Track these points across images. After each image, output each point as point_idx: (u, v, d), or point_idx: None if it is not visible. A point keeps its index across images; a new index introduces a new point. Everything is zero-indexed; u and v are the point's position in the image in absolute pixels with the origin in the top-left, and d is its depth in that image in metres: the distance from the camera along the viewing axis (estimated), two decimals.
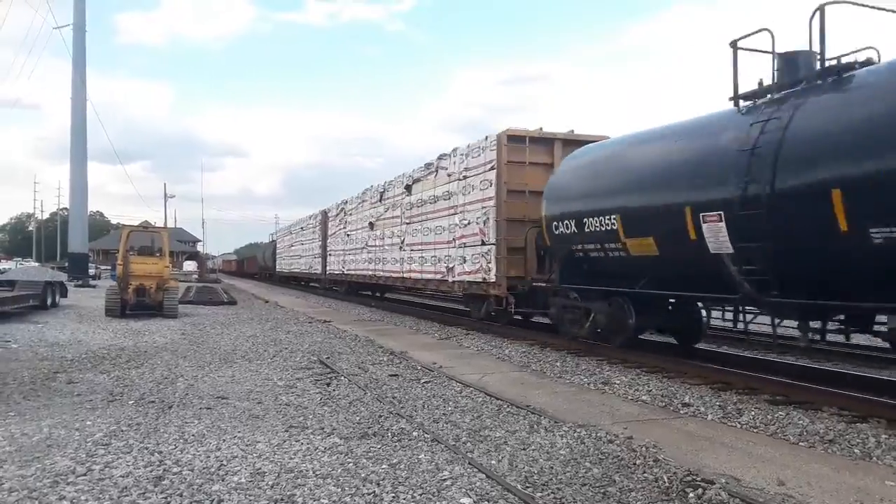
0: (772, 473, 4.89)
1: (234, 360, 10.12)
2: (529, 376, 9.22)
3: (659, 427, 6.36)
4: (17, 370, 8.87)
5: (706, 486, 4.50)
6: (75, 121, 38.75)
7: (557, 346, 11.73)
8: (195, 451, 5.21)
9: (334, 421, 6.35)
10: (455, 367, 9.69)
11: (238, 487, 4.41)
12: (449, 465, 4.96)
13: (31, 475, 4.59)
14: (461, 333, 14.40)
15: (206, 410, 6.69)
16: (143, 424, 6.06)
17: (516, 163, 13.75)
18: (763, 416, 6.69)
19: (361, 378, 8.71)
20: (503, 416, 6.64)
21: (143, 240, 20.51)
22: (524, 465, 5.04)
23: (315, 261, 33.83)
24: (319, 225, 32.54)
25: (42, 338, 12.63)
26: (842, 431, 6.10)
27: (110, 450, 5.22)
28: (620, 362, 10.00)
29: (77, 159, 39.13)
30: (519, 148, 13.84)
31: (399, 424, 6.23)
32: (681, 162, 8.91)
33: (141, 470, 4.73)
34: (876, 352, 11.40)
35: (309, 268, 36.12)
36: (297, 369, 9.38)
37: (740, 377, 8.45)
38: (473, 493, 4.38)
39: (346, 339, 13.38)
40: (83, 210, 40.92)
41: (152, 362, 9.80)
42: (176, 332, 14.23)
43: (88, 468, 4.75)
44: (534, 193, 13.11)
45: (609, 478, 4.76)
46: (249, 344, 12.19)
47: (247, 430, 5.91)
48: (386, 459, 5.10)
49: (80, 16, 39.14)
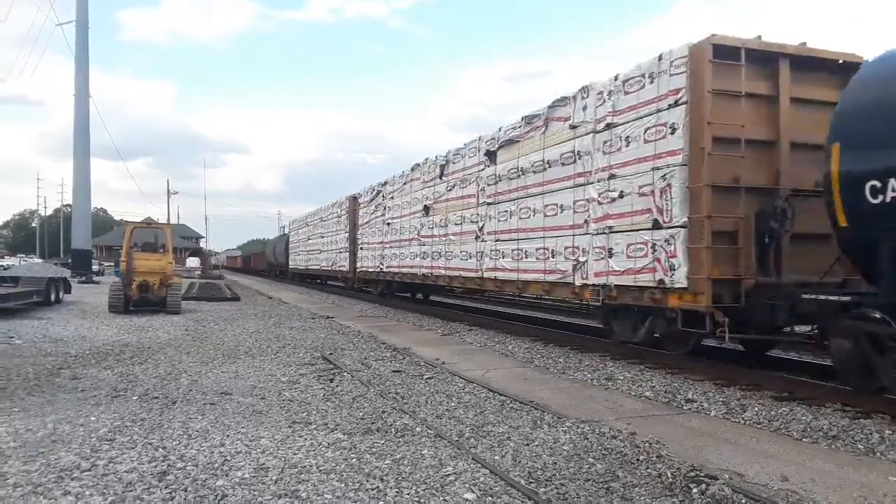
0: (776, 469, 4.89)
1: (238, 356, 10.13)
2: (533, 372, 9.22)
3: (662, 423, 6.36)
4: (21, 366, 8.90)
5: (710, 481, 4.49)
6: (78, 118, 38.81)
7: (560, 342, 11.72)
8: (199, 447, 5.22)
9: (338, 416, 6.36)
10: (458, 363, 9.70)
11: (242, 482, 4.42)
12: (452, 461, 4.96)
13: (35, 470, 4.60)
14: (464, 329, 14.39)
15: (210, 406, 6.70)
16: (147, 420, 6.07)
17: (724, 93, 8.41)
18: (767, 412, 6.68)
19: (364, 374, 8.72)
20: (506, 412, 6.64)
21: (146, 236, 20.57)
22: (527, 460, 5.04)
23: (340, 256, 28.30)
24: (346, 214, 27.12)
25: (46, 334, 12.66)
26: (845, 427, 6.09)
27: (114, 445, 5.24)
28: (623, 358, 9.98)
29: (80, 156, 39.18)
30: (728, 69, 8.41)
31: (402, 420, 6.24)
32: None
33: (145, 465, 4.74)
34: None
35: (332, 264, 30.15)
36: (300, 365, 9.39)
37: (744, 373, 8.43)
38: (477, 489, 4.38)
39: (350, 335, 13.39)
40: (86, 207, 40.95)
41: (156, 358, 9.82)
42: (179, 328, 14.25)
43: (93, 463, 4.77)
44: (754, 144, 8.56)
45: (612, 473, 4.76)
46: (253, 340, 12.20)
47: (250, 426, 5.92)
48: (389, 455, 5.11)
49: (83, 12, 39.19)
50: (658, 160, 8.92)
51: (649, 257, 9.04)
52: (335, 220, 29.62)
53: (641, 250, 9.21)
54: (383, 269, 21.88)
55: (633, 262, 9.36)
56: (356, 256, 25.38)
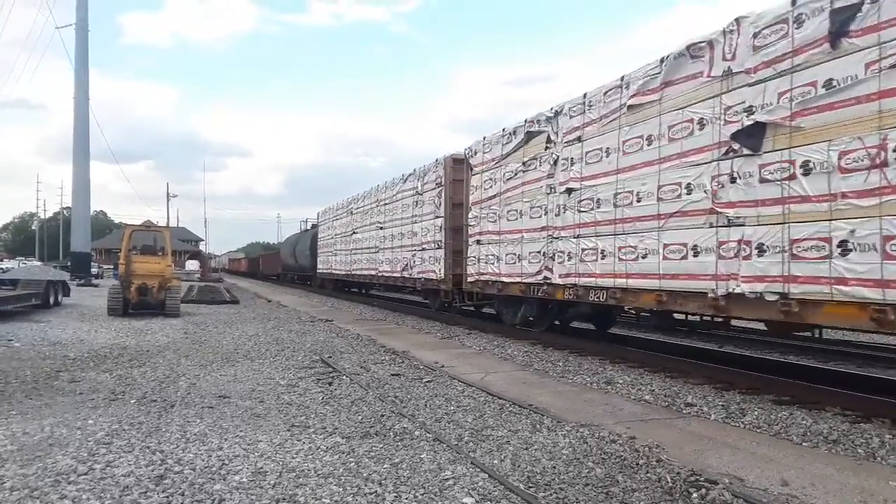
0: (775, 474, 4.87)
1: (237, 360, 10.11)
2: (532, 375, 9.19)
3: (662, 427, 6.34)
4: (20, 369, 8.87)
5: (710, 486, 4.48)
6: (78, 121, 38.82)
7: (559, 346, 11.70)
8: (197, 451, 5.20)
9: (336, 420, 6.33)
10: (457, 367, 9.67)
11: (240, 487, 4.40)
12: (451, 465, 4.94)
13: (32, 474, 4.58)
14: (463, 333, 14.37)
15: (208, 409, 6.68)
16: (145, 423, 6.05)
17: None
18: (766, 416, 6.67)
19: (363, 377, 8.70)
20: (505, 416, 6.62)
21: (145, 239, 20.50)
22: (527, 464, 5.02)
23: (421, 256, 18.46)
24: (436, 189, 17.60)
25: (44, 337, 12.64)
26: (846, 432, 6.07)
27: (112, 449, 5.21)
28: (623, 361, 9.97)
29: (80, 159, 39.20)
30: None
31: (401, 424, 6.21)
32: None
33: (143, 469, 4.72)
34: (879, 351, 11.39)
35: (402, 268, 20.11)
36: (299, 368, 9.37)
37: (743, 377, 8.41)
38: (476, 493, 4.36)
39: (348, 338, 13.37)
40: (86, 209, 40.95)
41: (154, 361, 9.79)
42: (178, 331, 14.22)
43: (90, 467, 4.74)
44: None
45: (612, 478, 4.74)
46: (252, 343, 12.18)
47: (249, 430, 5.90)
48: (388, 459, 5.09)
49: (83, 15, 39.22)
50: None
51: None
52: (411, 201, 19.56)
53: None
54: (557, 277, 11.51)
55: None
56: (462, 256, 15.78)
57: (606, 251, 10.13)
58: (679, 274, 8.65)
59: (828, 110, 6.73)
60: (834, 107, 6.67)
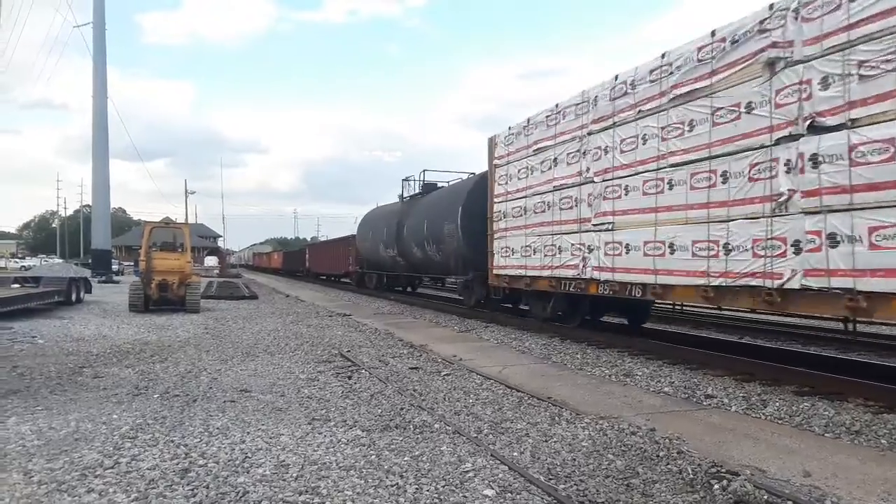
0: (797, 465, 4.84)
1: (257, 354, 10.20)
2: (550, 368, 9.19)
3: (682, 419, 6.32)
4: (44, 365, 9.01)
5: (731, 477, 4.46)
6: (97, 119, 39.15)
7: (577, 339, 11.68)
8: (220, 444, 5.26)
9: (356, 413, 6.38)
10: (475, 360, 9.69)
11: (263, 479, 4.44)
12: (471, 457, 4.96)
13: (59, 468, 4.66)
14: (480, 326, 14.38)
15: (230, 403, 6.75)
16: (169, 418, 6.13)
17: None
18: (788, 408, 6.62)
19: (382, 371, 8.74)
20: (524, 408, 6.63)
21: (165, 236, 20.71)
22: (546, 456, 5.03)
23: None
24: None
25: (67, 333, 12.82)
26: (868, 422, 6.01)
27: (137, 443, 5.29)
28: (642, 354, 9.93)
29: (99, 157, 39.55)
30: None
31: (420, 417, 6.25)
32: None
33: (167, 462, 4.79)
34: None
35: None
36: (318, 362, 9.44)
37: (764, 368, 8.35)
38: (496, 485, 4.38)
39: (367, 332, 13.43)
40: (106, 207, 41.38)
41: (176, 356, 9.91)
42: (199, 326, 14.37)
43: (116, 461, 4.82)
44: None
45: (632, 470, 4.73)
46: (271, 338, 12.28)
47: (270, 423, 5.95)
48: (408, 451, 5.12)
49: (100, 14, 39.50)
50: None
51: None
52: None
53: None
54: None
55: None
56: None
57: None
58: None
59: None
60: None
